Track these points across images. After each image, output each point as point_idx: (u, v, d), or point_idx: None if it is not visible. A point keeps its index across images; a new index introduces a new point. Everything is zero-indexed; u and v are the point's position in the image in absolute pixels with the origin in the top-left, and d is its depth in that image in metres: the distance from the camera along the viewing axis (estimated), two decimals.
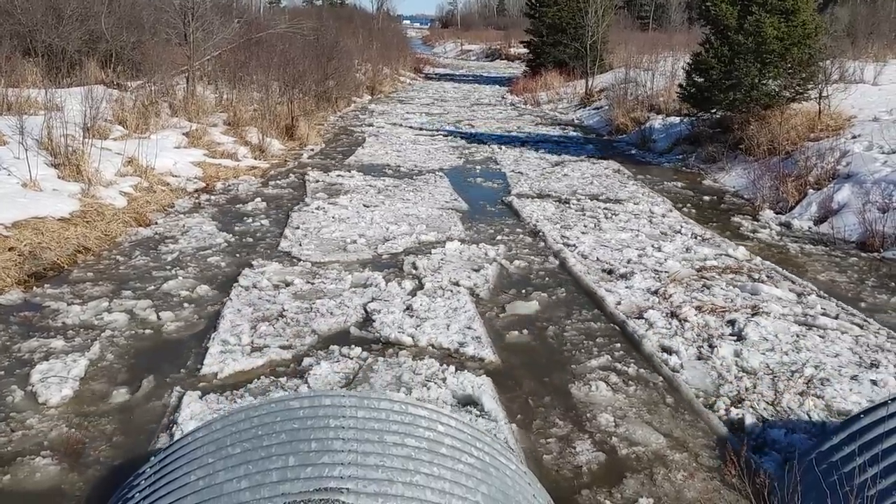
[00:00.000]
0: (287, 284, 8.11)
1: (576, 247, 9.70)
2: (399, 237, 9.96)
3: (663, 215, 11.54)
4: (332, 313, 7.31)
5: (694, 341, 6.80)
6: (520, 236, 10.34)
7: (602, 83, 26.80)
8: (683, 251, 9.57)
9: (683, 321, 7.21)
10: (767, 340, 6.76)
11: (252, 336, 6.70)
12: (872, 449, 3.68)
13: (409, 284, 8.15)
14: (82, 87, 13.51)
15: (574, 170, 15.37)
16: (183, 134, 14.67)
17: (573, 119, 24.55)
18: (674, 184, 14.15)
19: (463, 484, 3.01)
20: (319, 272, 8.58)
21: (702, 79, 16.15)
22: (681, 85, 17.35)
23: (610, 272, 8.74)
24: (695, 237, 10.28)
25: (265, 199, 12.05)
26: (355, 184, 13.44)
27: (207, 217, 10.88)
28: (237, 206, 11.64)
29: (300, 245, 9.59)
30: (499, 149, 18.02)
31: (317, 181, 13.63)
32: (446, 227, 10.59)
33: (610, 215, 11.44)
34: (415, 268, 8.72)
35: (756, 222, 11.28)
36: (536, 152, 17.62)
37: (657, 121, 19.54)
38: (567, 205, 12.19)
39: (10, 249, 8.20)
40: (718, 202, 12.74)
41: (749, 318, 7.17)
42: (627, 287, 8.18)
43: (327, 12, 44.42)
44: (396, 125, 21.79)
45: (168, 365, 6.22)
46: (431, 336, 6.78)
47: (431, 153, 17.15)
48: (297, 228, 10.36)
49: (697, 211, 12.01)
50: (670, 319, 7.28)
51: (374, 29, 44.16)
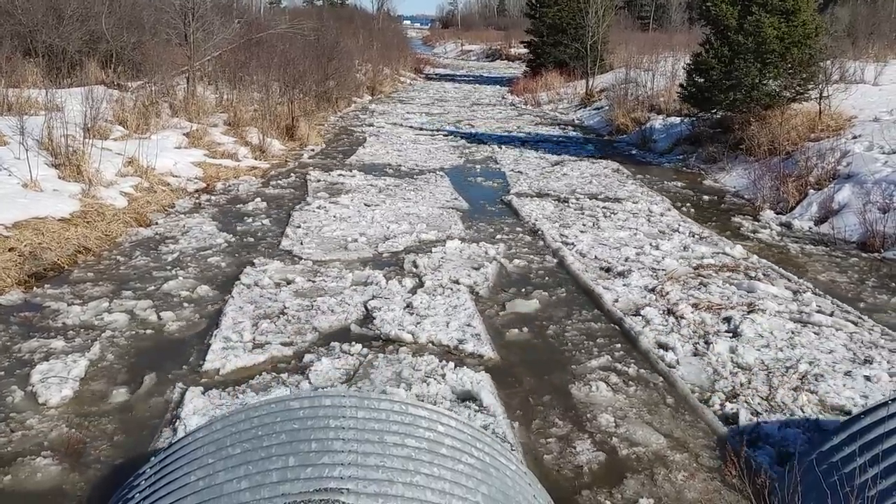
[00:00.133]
0: (288, 282, 8.16)
1: (574, 245, 9.73)
2: (399, 236, 10.00)
3: (662, 214, 11.56)
4: (333, 311, 7.36)
5: (690, 338, 6.85)
6: (519, 235, 10.37)
7: (602, 83, 26.80)
8: (681, 249, 9.60)
9: (680, 318, 7.25)
10: (763, 337, 6.80)
11: (254, 333, 6.75)
12: (873, 449, 3.68)
13: (410, 282, 8.19)
14: (83, 88, 13.51)
15: (573, 169, 15.38)
16: (183, 134, 14.68)
17: (573, 119, 24.56)
18: (674, 184, 14.15)
19: (463, 484, 3.01)
20: (320, 270, 8.62)
21: (702, 79, 16.15)
22: (681, 85, 17.35)
23: (608, 270, 8.78)
24: (692, 236, 10.30)
25: (265, 200, 12.06)
26: (356, 183, 13.46)
27: (208, 217, 10.89)
28: (237, 207, 11.64)
29: (301, 244, 9.62)
30: (499, 148, 18.05)
31: (318, 180, 13.65)
32: (446, 226, 10.62)
33: (609, 214, 11.46)
34: (415, 266, 8.76)
35: (756, 222, 11.28)
36: (536, 152, 17.63)
37: (658, 121, 19.54)
38: (566, 204, 12.21)
39: (11, 250, 8.20)
40: (719, 202, 12.74)
41: (745, 316, 7.20)
42: (625, 285, 8.22)
43: (328, 12, 44.42)
44: (397, 125, 21.80)
45: (169, 362, 6.24)
46: (431, 333, 6.83)
47: (432, 153, 17.17)
48: (299, 227, 10.38)
49: (698, 211, 12.00)
50: (667, 316, 7.33)
51: (375, 29, 44.18)
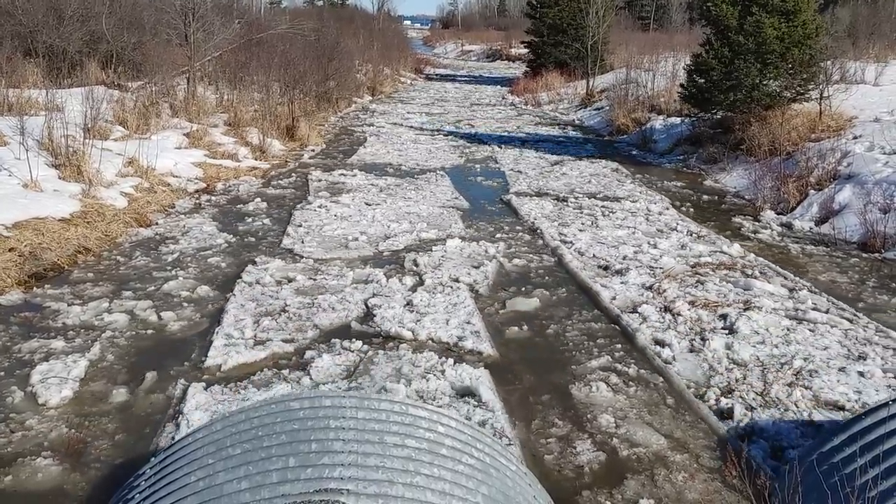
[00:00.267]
0: (290, 280, 8.21)
1: (573, 244, 9.78)
2: (400, 234, 10.04)
3: (660, 213, 11.60)
4: (334, 308, 7.40)
5: (686, 335, 6.90)
6: (519, 234, 10.41)
7: (603, 84, 26.79)
8: (679, 248, 9.65)
9: (676, 315, 7.30)
10: (758, 334, 6.85)
11: (255, 330, 6.80)
12: (873, 450, 3.68)
13: (410, 280, 8.24)
14: (83, 88, 13.52)
15: (573, 169, 15.42)
16: (183, 134, 14.67)
17: (574, 119, 24.55)
18: (674, 184, 14.14)
19: (463, 485, 3.01)
20: (321, 269, 8.67)
21: (702, 79, 16.14)
22: (682, 85, 17.34)
23: (606, 268, 8.84)
24: (690, 234, 10.35)
25: (266, 200, 12.06)
26: (357, 182, 13.49)
27: (208, 218, 10.89)
28: (238, 207, 11.64)
29: (302, 242, 9.67)
30: (498, 148, 18.08)
31: (319, 180, 13.69)
32: (447, 225, 10.67)
33: (607, 213, 11.50)
34: (415, 264, 8.81)
35: (757, 223, 11.27)
36: (536, 152, 17.65)
37: (658, 121, 19.53)
38: (565, 203, 12.25)
39: (11, 250, 8.20)
40: (719, 203, 12.74)
41: (741, 313, 7.25)
42: (622, 283, 8.28)
43: (328, 13, 44.46)
44: (397, 125, 21.81)
45: (170, 360, 6.27)
46: (431, 330, 6.88)
47: (432, 152, 17.20)
48: (300, 226, 10.42)
49: (699, 211, 12.00)
50: (664, 314, 7.39)
51: (375, 29, 44.18)
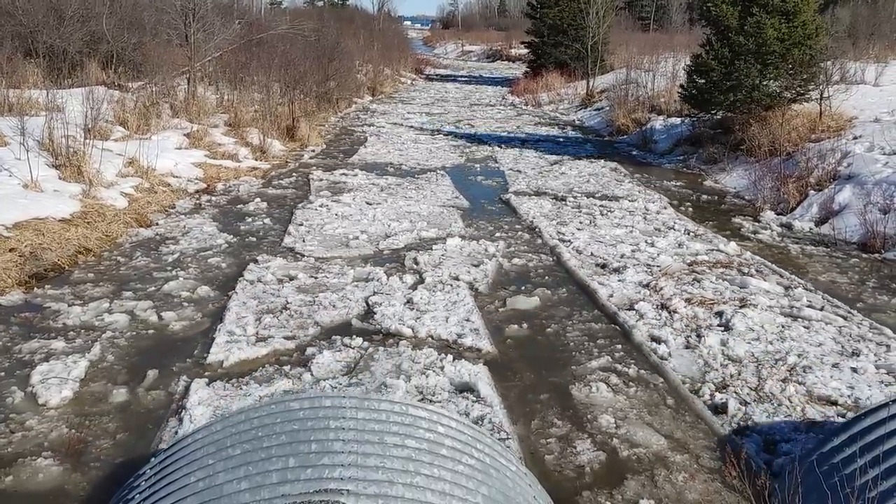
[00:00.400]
0: (291, 279, 8.27)
1: (571, 242, 9.84)
2: (400, 233, 10.10)
3: (658, 212, 11.66)
4: (335, 306, 7.46)
5: (682, 331, 6.96)
6: (518, 233, 10.47)
7: (603, 84, 26.79)
8: (676, 246, 9.70)
9: (673, 312, 7.36)
10: (753, 331, 6.90)
11: (257, 327, 6.86)
12: (873, 450, 3.67)
13: (410, 279, 8.29)
14: (83, 88, 13.52)
15: (572, 168, 15.47)
16: (184, 135, 14.68)
17: (574, 120, 24.55)
18: (674, 184, 14.15)
19: (463, 485, 3.01)
20: (322, 267, 8.72)
21: (703, 80, 16.14)
22: (682, 86, 17.34)
23: (603, 266, 8.90)
24: (687, 233, 10.41)
25: (266, 200, 12.06)
26: (358, 182, 13.54)
27: (208, 218, 10.89)
28: (238, 207, 11.64)
29: (304, 241, 9.72)
30: (498, 148, 18.13)
31: (320, 179, 13.76)
32: (447, 224, 10.71)
33: (605, 212, 11.56)
34: (416, 263, 8.87)
35: (757, 223, 11.27)
36: (535, 152, 17.68)
37: (658, 122, 19.53)
38: (563, 202, 12.31)
39: (11, 250, 8.20)
40: (719, 203, 12.74)
41: (737, 310, 7.30)
42: (620, 280, 8.34)
43: (328, 13, 44.46)
44: (398, 125, 21.83)
45: (171, 359, 6.31)
46: (431, 328, 6.93)
47: (433, 152, 17.24)
48: (301, 225, 10.47)
49: (699, 212, 12.00)
50: (660, 311, 7.44)
51: (375, 30, 44.19)
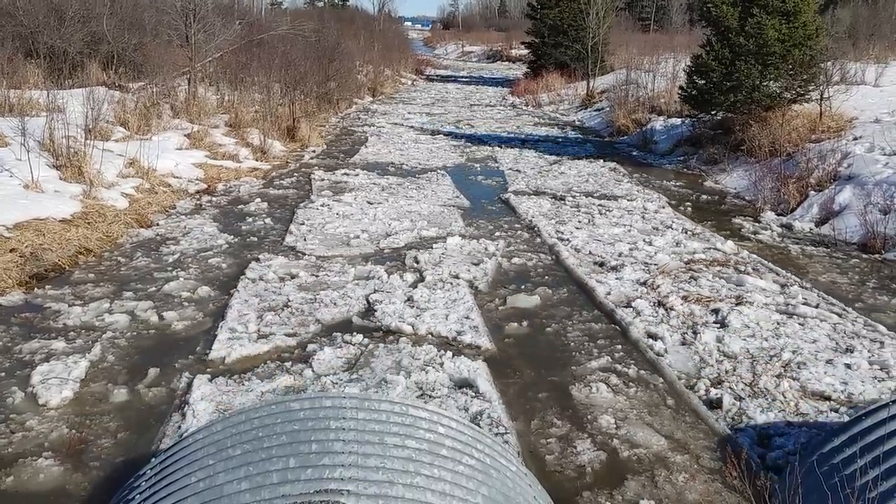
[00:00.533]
0: (292, 277, 8.32)
1: (569, 241, 9.90)
2: (401, 232, 10.16)
3: (656, 211, 11.72)
4: (336, 304, 7.50)
5: (679, 328, 7.01)
6: (518, 232, 10.52)
7: (603, 84, 26.79)
8: (673, 245, 9.76)
9: (669, 310, 7.41)
10: (749, 328, 6.96)
11: (259, 324, 6.91)
12: (874, 451, 3.67)
13: (411, 277, 8.34)
14: (84, 89, 13.51)
15: (571, 168, 15.53)
16: (184, 135, 14.68)
17: (574, 120, 24.56)
18: (674, 185, 14.15)
19: (463, 486, 3.01)
20: (323, 265, 8.76)
21: (703, 80, 16.14)
22: (682, 87, 17.34)
23: (601, 265, 8.95)
24: (685, 232, 10.46)
25: (267, 200, 12.06)
26: (359, 182, 13.59)
27: (209, 218, 10.89)
28: (239, 207, 11.64)
29: (305, 240, 9.78)
30: (499, 148, 18.18)
31: (322, 179, 13.82)
32: (447, 223, 10.76)
33: (604, 211, 11.62)
34: (416, 261, 8.92)
35: (757, 224, 11.27)
36: (535, 152, 17.71)
37: (658, 122, 19.53)
38: (562, 201, 12.36)
39: (12, 251, 8.20)
40: (720, 203, 12.74)
41: (733, 308, 7.35)
42: (617, 278, 8.40)
43: (329, 14, 44.41)
44: (398, 125, 21.86)
45: (172, 357, 6.34)
46: (431, 325, 6.98)
47: (433, 152, 17.29)
48: (303, 224, 10.52)
49: (699, 212, 12.01)
50: (657, 308, 7.50)
51: (376, 30, 44.17)
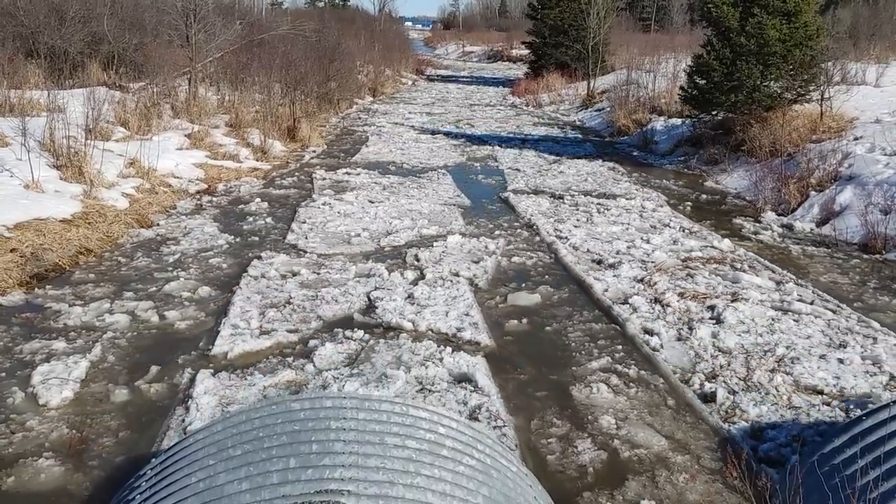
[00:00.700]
0: (294, 274, 8.38)
1: (568, 239, 9.97)
2: (402, 231, 10.21)
3: (654, 210, 11.78)
4: (337, 301, 7.56)
5: (675, 324, 7.08)
6: (517, 230, 10.59)
7: (604, 85, 26.77)
8: (671, 243, 9.82)
9: (666, 306, 7.47)
10: (744, 324, 7.02)
11: (261, 321, 6.98)
12: (874, 451, 3.67)
13: (411, 275, 8.39)
14: (84, 89, 13.53)
15: (570, 167, 15.57)
16: (185, 135, 14.68)
17: (575, 120, 24.55)
18: (675, 185, 14.15)
19: (464, 486, 3.01)
20: (325, 263, 8.81)
21: (703, 80, 16.14)
22: (682, 87, 17.33)
23: (599, 262, 9.03)
24: (683, 230, 10.54)
25: (267, 200, 12.07)
26: (361, 181, 13.64)
27: (209, 218, 10.89)
28: (239, 207, 11.64)
29: (306, 238, 9.84)
30: (499, 148, 18.21)
31: (323, 178, 13.88)
32: (448, 222, 10.82)
33: (602, 210, 11.68)
34: (417, 259, 8.97)
35: (758, 224, 11.27)
36: (535, 152, 17.73)
37: (659, 122, 19.52)
38: (561, 200, 12.42)
39: (12, 251, 8.21)
40: (720, 204, 12.74)
41: (728, 304, 7.41)
42: (615, 276, 8.46)
43: (329, 14, 44.44)
44: (399, 125, 21.88)
45: (174, 355, 6.37)
46: (431, 322, 7.04)
47: (434, 151, 17.33)
48: (304, 223, 10.58)
49: (699, 213, 12.01)
50: (653, 305, 7.56)
51: (376, 30, 44.11)
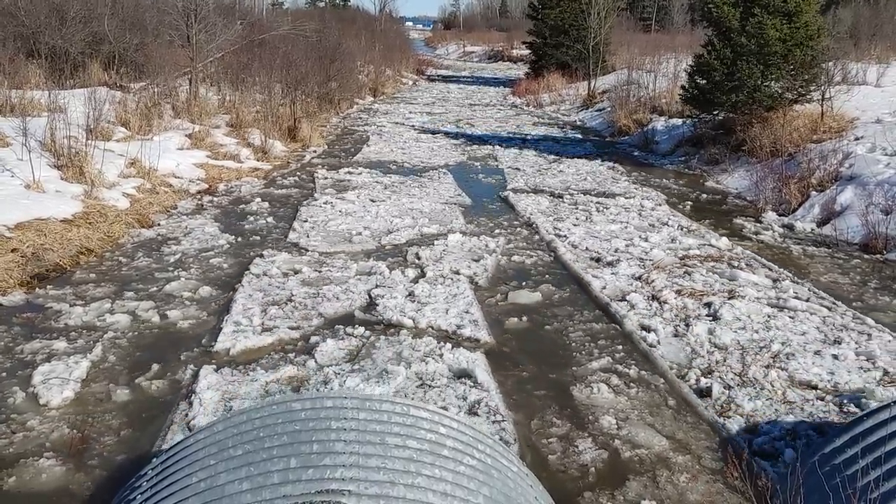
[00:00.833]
0: (296, 272, 8.43)
1: (567, 237, 10.02)
2: (403, 229, 10.26)
3: (653, 209, 11.81)
4: (338, 298, 7.62)
5: (672, 321, 7.13)
6: (517, 229, 10.64)
7: (604, 85, 26.76)
8: (669, 241, 9.86)
9: (663, 303, 7.52)
10: (740, 320, 7.08)
11: (263, 318, 7.04)
12: (875, 451, 3.67)
13: (412, 273, 8.44)
14: (85, 89, 13.53)
15: (570, 167, 15.61)
16: (186, 135, 14.69)
17: (575, 120, 24.55)
18: (675, 185, 14.14)
19: (465, 486, 3.01)
20: (326, 261, 8.86)
21: (704, 80, 16.14)
22: (683, 87, 17.33)
23: (597, 260, 9.08)
24: (681, 229, 10.59)
25: (268, 200, 12.06)
26: (362, 180, 13.67)
27: (210, 218, 10.89)
28: (240, 207, 11.64)
29: (308, 237, 9.88)
30: (499, 147, 18.24)
31: (325, 178, 13.91)
32: (448, 221, 10.87)
33: (601, 209, 11.72)
34: (417, 258, 9.01)
35: (759, 224, 11.26)
36: (535, 151, 17.76)
37: (660, 122, 19.52)
38: (561, 199, 12.47)
39: (13, 251, 8.21)
40: (721, 203, 12.74)
41: (725, 301, 7.46)
42: (613, 273, 8.52)
43: (330, 14, 44.43)
44: (400, 125, 21.89)
45: (177, 351, 6.42)
46: (431, 319, 7.08)
47: (435, 151, 17.36)
48: (306, 222, 10.62)
49: (700, 212, 12.00)
50: (651, 302, 7.61)
51: (377, 30, 44.15)
